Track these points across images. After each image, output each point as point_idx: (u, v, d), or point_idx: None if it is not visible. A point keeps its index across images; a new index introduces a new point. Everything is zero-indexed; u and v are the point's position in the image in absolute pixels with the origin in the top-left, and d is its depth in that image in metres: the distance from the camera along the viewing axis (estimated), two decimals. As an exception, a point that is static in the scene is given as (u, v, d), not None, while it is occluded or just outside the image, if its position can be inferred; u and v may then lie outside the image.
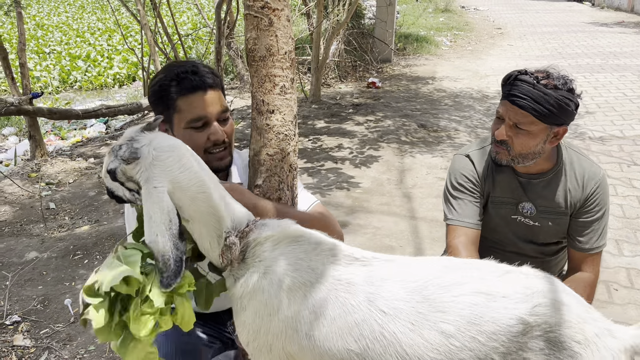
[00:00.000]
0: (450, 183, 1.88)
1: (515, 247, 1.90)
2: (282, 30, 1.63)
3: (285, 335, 1.18)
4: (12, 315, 2.72)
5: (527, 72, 1.61)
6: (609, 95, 6.98)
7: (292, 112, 1.67)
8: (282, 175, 1.65)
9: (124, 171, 1.17)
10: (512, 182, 1.79)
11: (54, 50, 12.25)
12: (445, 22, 14.58)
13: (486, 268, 1.24)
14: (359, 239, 3.49)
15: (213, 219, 1.23)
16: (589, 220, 1.75)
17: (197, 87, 1.51)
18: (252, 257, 1.23)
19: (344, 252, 1.24)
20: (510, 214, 1.83)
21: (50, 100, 8.64)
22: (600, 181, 1.74)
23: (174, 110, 1.52)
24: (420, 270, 1.21)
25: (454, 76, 8.60)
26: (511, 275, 1.22)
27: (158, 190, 1.13)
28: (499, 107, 1.68)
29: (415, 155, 5.08)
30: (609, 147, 5.04)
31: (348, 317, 1.15)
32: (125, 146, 1.17)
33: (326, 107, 6.89)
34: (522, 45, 11.27)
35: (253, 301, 1.20)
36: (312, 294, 1.17)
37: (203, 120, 1.52)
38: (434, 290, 1.16)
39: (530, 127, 1.60)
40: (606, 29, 13.11)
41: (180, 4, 19.19)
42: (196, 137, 1.51)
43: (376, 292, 1.16)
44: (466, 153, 1.87)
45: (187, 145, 1.25)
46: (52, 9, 22.01)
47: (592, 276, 1.76)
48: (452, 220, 1.83)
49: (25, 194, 4.35)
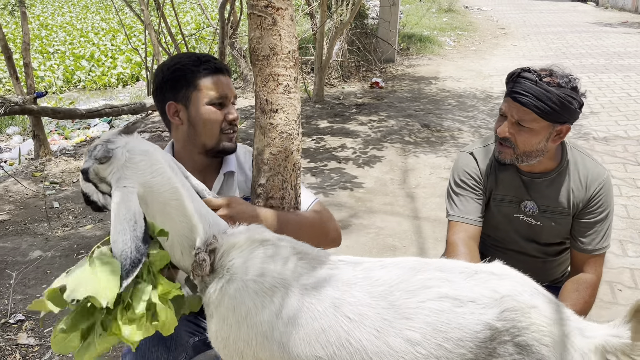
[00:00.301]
0: (453, 180, 1.88)
1: (517, 246, 1.90)
2: (286, 29, 1.62)
3: (256, 342, 1.16)
4: (16, 314, 2.73)
5: (530, 70, 1.61)
6: (613, 95, 6.96)
7: (295, 111, 1.67)
8: (286, 174, 1.65)
9: (96, 171, 1.18)
10: (515, 180, 1.79)
11: (57, 50, 12.29)
12: (449, 22, 14.57)
13: (454, 269, 1.21)
14: (362, 239, 3.49)
15: (185, 227, 1.22)
16: (591, 221, 1.74)
17: (219, 70, 1.64)
18: (220, 266, 1.22)
19: (310, 256, 1.23)
20: (512, 212, 1.83)
21: (54, 99, 8.66)
22: (604, 182, 1.73)
23: (194, 88, 1.61)
24: (386, 273, 1.19)
25: (458, 76, 8.59)
26: (480, 276, 1.19)
27: (127, 190, 1.13)
28: (502, 105, 1.68)
29: (419, 155, 5.07)
30: (613, 148, 5.03)
31: (315, 323, 1.13)
32: (100, 146, 1.18)
33: (329, 107, 6.89)
34: (526, 46, 11.24)
35: (220, 308, 1.19)
36: (278, 299, 1.15)
37: (223, 100, 1.64)
38: (399, 296, 1.14)
39: (533, 124, 1.60)
40: (610, 29, 13.07)
41: (184, 4, 19.22)
42: (216, 114, 1.62)
43: (342, 298, 1.15)
44: (470, 151, 1.88)
45: (164, 152, 1.26)
46: (56, 9, 22.08)
47: (594, 277, 1.75)
48: (453, 216, 1.84)
49: (29, 193, 4.36)
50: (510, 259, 1.92)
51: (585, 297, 1.71)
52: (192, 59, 1.63)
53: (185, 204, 1.20)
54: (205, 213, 1.26)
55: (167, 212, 1.20)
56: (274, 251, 1.22)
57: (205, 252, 1.21)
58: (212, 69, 1.62)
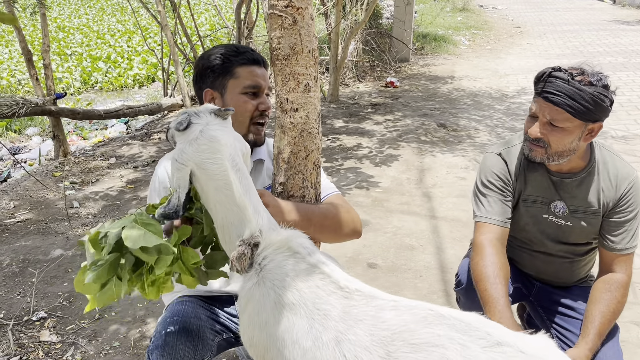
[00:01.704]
0: (480, 180, 1.86)
1: (544, 248, 1.88)
2: (306, 28, 1.63)
3: (272, 351, 1.18)
4: (39, 312, 2.78)
5: (561, 69, 1.59)
6: (632, 94, 6.87)
7: (315, 110, 1.67)
8: (306, 173, 1.66)
9: (172, 134, 1.31)
10: (545, 181, 1.77)
11: (75, 52, 12.44)
12: (464, 21, 14.47)
13: (475, 332, 1.03)
14: (379, 239, 3.49)
15: (235, 217, 1.26)
16: (621, 220, 1.72)
17: (256, 61, 1.71)
18: (257, 262, 1.24)
19: (331, 278, 1.20)
20: (541, 213, 1.81)
21: (72, 101, 8.78)
22: (634, 181, 1.71)
23: (230, 76, 1.68)
24: (395, 316, 1.09)
25: (473, 75, 8.54)
26: (503, 350, 0.99)
27: (178, 164, 1.24)
28: (532, 105, 1.66)
29: (436, 154, 5.05)
30: (632, 147, 4.96)
31: (317, 352, 1.11)
32: (186, 115, 1.29)
33: (344, 107, 6.89)
34: (542, 44, 11.13)
35: (248, 307, 1.23)
36: (293, 317, 1.16)
37: (257, 89, 1.69)
38: (399, 347, 1.04)
39: (566, 123, 1.58)
40: (628, 27, 12.88)
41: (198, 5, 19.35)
42: (248, 103, 1.68)
43: (345, 333, 1.10)
44: (498, 151, 1.86)
45: (238, 145, 1.31)
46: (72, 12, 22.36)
47: (624, 277, 1.73)
48: (480, 217, 1.81)
49: (49, 192, 4.43)
50: (536, 261, 1.91)
51: (617, 297, 1.68)
52: (231, 49, 1.70)
53: (237, 196, 1.24)
54: (259, 208, 1.29)
55: (219, 198, 1.25)
56: (301, 266, 1.22)
57: (247, 245, 1.23)
58: (249, 60, 1.68)
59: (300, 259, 1.23)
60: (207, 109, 1.33)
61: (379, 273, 3.10)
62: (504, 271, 1.67)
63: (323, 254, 1.30)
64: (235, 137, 1.34)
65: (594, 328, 1.63)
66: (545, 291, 1.98)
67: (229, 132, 1.32)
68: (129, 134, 6.64)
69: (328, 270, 1.21)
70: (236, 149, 1.30)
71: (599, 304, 1.67)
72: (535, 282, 2.00)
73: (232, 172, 1.25)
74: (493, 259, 1.67)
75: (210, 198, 1.26)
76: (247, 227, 1.25)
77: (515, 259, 1.96)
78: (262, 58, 1.73)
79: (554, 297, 1.96)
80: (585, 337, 1.63)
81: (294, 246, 1.25)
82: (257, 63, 1.71)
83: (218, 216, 1.28)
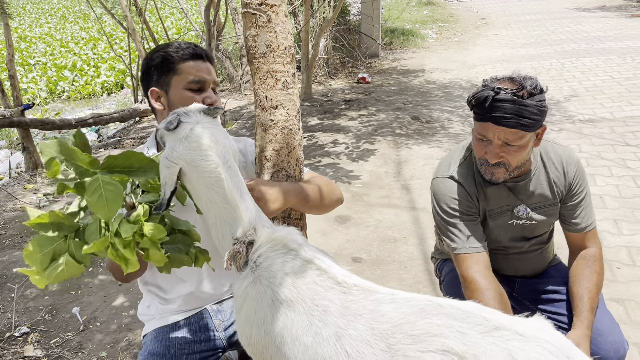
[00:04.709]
0: (441, 210, 1.79)
1: (516, 249, 1.90)
2: (281, 25, 1.63)
3: (271, 349, 1.18)
4: (21, 327, 2.72)
5: (501, 89, 1.56)
6: (596, 78, 7.05)
7: (295, 107, 1.68)
8: (290, 169, 1.66)
9: (162, 134, 1.30)
10: (502, 191, 1.77)
11: (39, 62, 12.17)
12: (430, 15, 14.64)
13: (472, 319, 1.04)
14: (362, 233, 3.51)
15: (228, 215, 1.25)
16: (577, 201, 1.79)
17: (198, 56, 1.66)
18: (252, 260, 1.24)
19: (328, 274, 1.20)
20: (507, 220, 1.82)
21: (39, 111, 8.58)
22: (577, 162, 1.78)
23: (173, 73, 1.64)
24: (394, 309, 1.10)
25: (443, 67, 8.65)
26: (501, 334, 1.01)
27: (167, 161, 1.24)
28: (479, 129, 1.63)
29: (412, 147, 5.11)
30: (600, 130, 5.10)
31: (318, 348, 1.11)
32: (175, 116, 1.28)
33: (318, 105, 6.90)
34: (507, 34, 11.34)
35: (245, 306, 1.22)
36: (291, 314, 1.15)
37: (201, 84, 1.64)
38: (400, 339, 1.04)
39: (521, 141, 1.59)
40: (589, 14, 13.22)
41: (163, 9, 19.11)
42: (192, 99, 1.62)
43: (345, 328, 1.10)
44: (448, 175, 1.79)
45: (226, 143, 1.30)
46: (33, 21, 21.83)
47: (596, 250, 1.81)
48: (459, 249, 1.75)
49: (23, 206, 4.32)
50: (512, 262, 1.95)
51: (597, 269, 1.76)
52: (174, 46, 1.67)
53: (228, 194, 1.24)
54: (251, 206, 1.28)
55: (211, 196, 1.25)
56: (297, 263, 1.22)
57: (242, 244, 1.23)
58: (191, 55, 1.64)
59: (295, 255, 1.23)
60: (196, 108, 1.32)
61: (364, 267, 3.12)
62: (504, 298, 1.67)
63: (318, 250, 1.30)
64: (225, 135, 1.33)
65: (584, 305, 1.68)
66: (526, 284, 2.01)
67: (219, 130, 1.32)
68: (100, 142, 6.53)
69: (325, 266, 1.21)
70: (226, 147, 1.29)
71: (582, 281, 1.73)
72: (515, 279, 2.02)
73: (223, 169, 1.25)
74: (492, 293, 1.64)
75: (202, 196, 1.26)
76: (240, 225, 1.25)
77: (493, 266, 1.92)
78: (205, 52, 1.69)
79: (535, 286, 1.99)
80: (579, 316, 1.67)
81: (288, 243, 1.25)
82: (200, 58, 1.66)
83: (210, 214, 1.27)
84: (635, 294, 2.66)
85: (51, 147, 1.15)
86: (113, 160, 1.22)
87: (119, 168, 1.23)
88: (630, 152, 4.47)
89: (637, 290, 2.70)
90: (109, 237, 1.19)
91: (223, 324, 1.76)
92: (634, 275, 2.83)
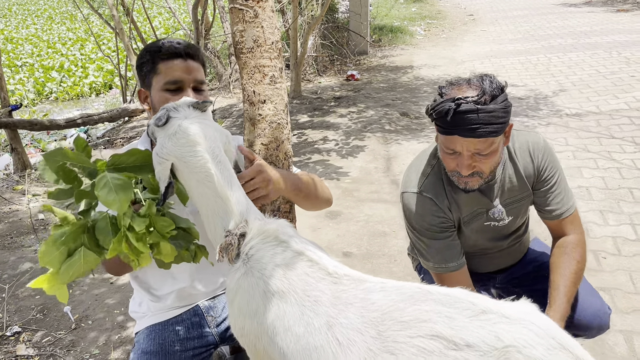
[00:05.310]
0: (414, 228, 1.72)
1: (496, 247, 1.87)
2: (268, 21, 1.65)
3: (264, 340, 1.20)
4: (12, 326, 2.71)
5: (462, 100, 1.46)
6: (582, 73, 7.13)
7: (283, 101, 1.70)
8: (278, 163, 1.68)
9: (152, 130, 1.32)
10: (474, 195, 1.70)
11: (26, 63, 12.08)
12: (418, 12, 14.70)
13: (460, 304, 1.07)
14: (352, 227, 3.54)
15: (220, 208, 1.27)
16: (549, 186, 1.71)
17: (177, 54, 1.60)
18: (244, 253, 1.26)
19: (319, 265, 1.21)
20: (482, 223, 1.76)
21: (27, 112, 8.52)
22: (544, 146, 1.69)
23: (154, 73, 1.61)
24: (383, 297, 1.12)
25: (431, 64, 8.69)
26: (488, 317, 1.04)
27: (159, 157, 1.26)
28: (446, 143, 1.54)
29: (401, 142, 5.14)
30: (586, 123, 5.16)
31: (310, 338, 1.12)
32: (164, 112, 1.29)
33: (308, 102, 6.92)
34: (495, 30, 11.41)
35: (237, 297, 1.24)
36: (283, 305, 1.17)
37: (178, 85, 1.59)
38: (389, 326, 1.06)
39: (491, 147, 1.51)
40: (575, 9, 13.33)
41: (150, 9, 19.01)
42: (168, 99, 1.58)
43: (336, 317, 1.11)
44: (417, 190, 1.70)
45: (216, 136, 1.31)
46: (19, 22, 21.64)
47: (577, 236, 1.72)
48: (438, 268, 1.71)
49: (12, 207, 4.30)
50: (494, 260, 1.92)
51: (576, 257, 1.68)
52: (157, 44, 1.63)
53: (219, 188, 1.25)
54: (242, 199, 1.30)
55: (202, 190, 1.27)
56: (289, 254, 1.24)
57: (234, 236, 1.24)
58: (170, 54, 1.59)
59: (286, 247, 1.25)
60: (185, 103, 1.34)
61: (355, 261, 3.15)
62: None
63: (309, 242, 1.31)
64: (216, 128, 1.34)
65: (559, 295, 1.62)
66: (507, 276, 1.99)
67: (208, 124, 1.33)
68: (90, 143, 6.51)
69: (316, 257, 1.23)
70: (216, 141, 1.30)
71: (559, 269, 1.67)
72: (496, 275, 2.00)
73: (212, 164, 1.26)
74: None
75: (194, 190, 1.28)
76: (232, 218, 1.26)
77: (473, 267, 1.89)
78: (187, 50, 1.61)
79: (515, 274, 1.98)
80: (553, 305, 1.62)
81: (279, 235, 1.26)
82: (180, 56, 1.60)
83: (202, 208, 1.30)
84: (621, 283, 2.71)
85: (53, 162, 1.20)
86: (118, 158, 1.26)
87: (125, 164, 1.27)
88: (615, 144, 4.53)
89: (623, 279, 2.75)
90: (123, 231, 1.21)
91: (215, 320, 1.77)
92: (619, 264, 2.88)
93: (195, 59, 1.65)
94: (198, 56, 1.66)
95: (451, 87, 1.56)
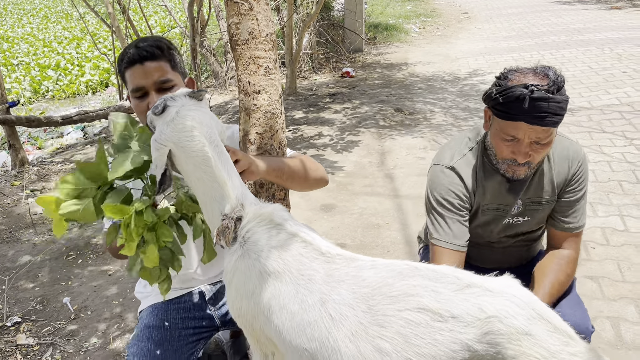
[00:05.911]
0: (434, 198, 1.73)
1: (502, 244, 1.86)
2: (262, 13, 1.70)
3: (261, 319, 1.24)
4: (13, 317, 2.76)
5: (535, 87, 1.45)
6: (575, 69, 7.19)
7: (277, 92, 1.75)
8: (273, 152, 1.74)
9: (151, 119, 1.36)
10: (502, 188, 1.70)
11: (22, 62, 12.08)
12: (413, 10, 14.76)
13: (445, 278, 1.12)
14: (346, 220, 3.60)
15: (217, 192, 1.32)
16: (573, 199, 1.70)
17: (134, 61, 1.60)
18: (240, 236, 1.30)
19: (313, 245, 1.26)
20: (501, 218, 1.76)
21: (24, 110, 8.55)
22: (583, 160, 1.69)
23: (124, 81, 1.68)
24: (374, 274, 1.17)
25: (426, 61, 8.75)
26: (472, 291, 1.09)
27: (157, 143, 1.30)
28: (508, 130, 1.52)
29: (395, 137, 5.20)
30: (578, 118, 5.23)
31: (304, 315, 1.16)
32: (162, 101, 1.33)
33: (303, 99, 6.97)
34: (490, 28, 11.48)
35: (235, 279, 1.28)
36: (278, 284, 1.21)
37: (142, 91, 1.62)
38: (379, 300, 1.11)
39: (549, 137, 1.52)
40: (569, 6, 13.41)
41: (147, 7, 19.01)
42: (137, 107, 1.64)
43: (329, 294, 1.16)
44: (450, 165, 1.71)
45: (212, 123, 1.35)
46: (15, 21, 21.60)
47: (574, 253, 1.71)
48: (439, 241, 1.70)
49: (10, 202, 4.34)
50: (495, 255, 1.89)
51: (567, 271, 1.67)
52: (123, 52, 1.64)
53: (216, 172, 1.29)
54: (238, 184, 1.34)
55: (199, 175, 1.31)
56: (283, 236, 1.28)
57: (231, 219, 1.29)
58: (129, 61, 1.60)
59: (281, 229, 1.29)
60: (182, 93, 1.37)
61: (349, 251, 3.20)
62: None
63: (302, 224, 1.36)
64: (211, 116, 1.38)
65: (541, 290, 1.60)
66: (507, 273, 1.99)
67: (204, 112, 1.37)
68: (86, 140, 6.54)
69: (309, 239, 1.28)
70: (212, 128, 1.34)
71: (549, 275, 1.65)
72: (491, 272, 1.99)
73: (209, 148, 1.30)
74: None
75: (191, 175, 1.32)
76: (228, 202, 1.30)
77: (472, 256, 1.88)
78: (140, 54, 1.59)
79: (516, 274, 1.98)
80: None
81: (275, 218, 1.31)
82: (137, 61, 1.59)
83: (199, 192, 1.34)
84: (609, 272, 2.78)
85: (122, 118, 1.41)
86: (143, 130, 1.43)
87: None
88: (606, 138, 4.60)
89: (611, 268, 2.81)
90: (131, 210, 1.29)
91: (217, 303, 1.83)
92: (607, 254, 2.95)
93: (155, 58, 1.61)
94: (157, 54, 1.62)
95: (516, 74, 1.55)
